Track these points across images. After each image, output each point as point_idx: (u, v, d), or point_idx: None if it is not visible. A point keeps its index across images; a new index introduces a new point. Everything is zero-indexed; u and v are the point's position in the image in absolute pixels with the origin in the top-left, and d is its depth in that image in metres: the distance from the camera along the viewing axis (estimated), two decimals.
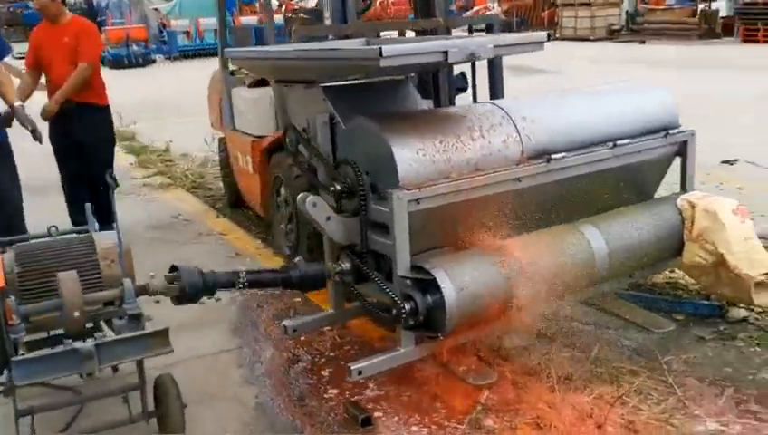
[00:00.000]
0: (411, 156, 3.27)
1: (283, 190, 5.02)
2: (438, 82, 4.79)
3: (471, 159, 3.42)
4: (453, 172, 3.35)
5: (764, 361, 3.63)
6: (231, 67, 6.36)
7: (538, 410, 3.27)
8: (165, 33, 26.96)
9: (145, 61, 24.36)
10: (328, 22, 4.78)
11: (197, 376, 3.70)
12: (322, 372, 3.74)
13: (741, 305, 4.03)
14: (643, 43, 21.29)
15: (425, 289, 3.22)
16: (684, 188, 4.20)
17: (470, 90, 5.14)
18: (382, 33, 5.41)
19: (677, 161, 4.17)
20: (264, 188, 5.38)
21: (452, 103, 4.90)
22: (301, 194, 3.35)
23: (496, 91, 4.95)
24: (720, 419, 3.17)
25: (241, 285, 3.19)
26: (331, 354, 3.92)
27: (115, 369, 3.48)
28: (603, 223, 3.70)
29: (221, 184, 7.37)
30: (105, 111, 5.80)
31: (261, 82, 5.87)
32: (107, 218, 5.40)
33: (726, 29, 20.77)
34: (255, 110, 5.58)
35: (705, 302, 4.13)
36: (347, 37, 4.68)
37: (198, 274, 3.10)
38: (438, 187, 3.26)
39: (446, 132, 3.41)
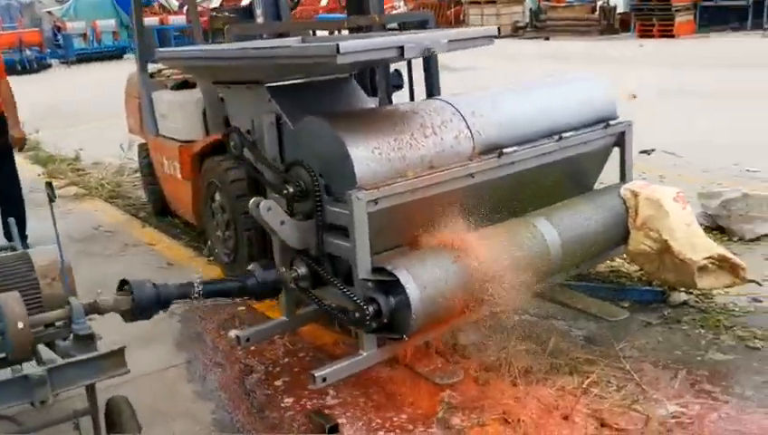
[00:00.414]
0: (367, 155, 3.20)
1: (218, 196, 4.83)
2: (375, 80, 4.72)
3: (425, 157, 3.38)
4: (408, 170, 3.30)
5: (710, 342, 3.75)
6: (150, 69, 6.12)
7: (503, 405, 3.25)
8: (60, 37, 25.81)
9: (40, 66, 23.27)
10: (260, 20, 4.63)
11: (146, 395, 3.49)
12: (279, 382, 3.61)
13: (681, 290, 4.15)
14: (548, 39, 21.90)
15: (388, 290, 3.15)
16: (623, 178, 4.30)
17: (406, 87, 5.10)
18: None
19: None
20: (197, 195, 5.16)
21: (390, 100, 4.85)
22: (253, 199, 3.22)
23: (433, 88, 4.92)
24: (679, 401, 3.24)
25: (196, 296, 3.02)
26: (286, 362, 3.80)
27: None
28: (555, 215, 3.73)
29: (142, 192, 7.07)
30: (2, 119, 5.47)
31: (184, 85, 5.65)
32: (20, 233, 5.14)
33: (624, 25, 21.65)
34: (182, 114, 5.36)
35: (648, 288, 4.24)
36: (280, 36, 4.56)
37: (151, 287, 2.92)
38: (396, 186, 3.20)
39: (400, 130, 3.36)
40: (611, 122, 4.12)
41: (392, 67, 4.94)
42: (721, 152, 7.55)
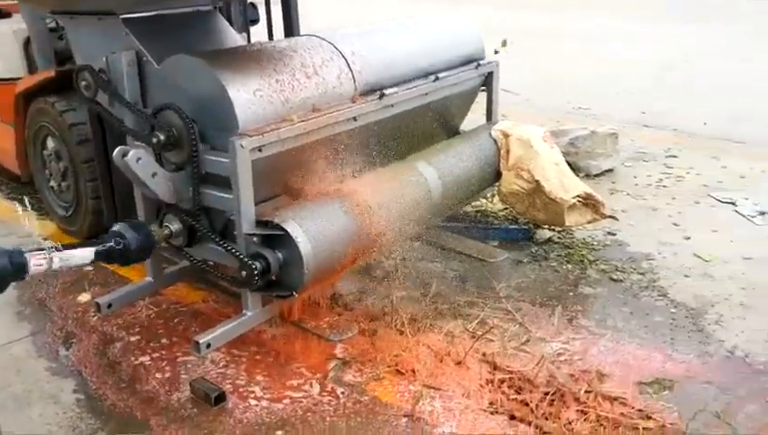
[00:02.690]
0: (249, 98, 2.90)
1: (51, 142, 4.26)
2: (231, 13, 4.33)
3: (308, 99, 3.13)
4: (292, 114, 3.05)
5: (578, 277, 3.90)
6: None
7: (395, 356, 3.17)
8: None
9: None
10: None
11: None
12: (147, 349, 3.28)
13: (545, 227, 4.28)
14: None
15: (275, 245, 2.92)
16: (489, 118, 4.31)
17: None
18: None
19: None
20: (21, 141, 4.53)
21: (248, 37, 4.49)
22: (119, 148, 2.82)
23: (292, 25, 4.61)
24: (560, 338, 3.33)
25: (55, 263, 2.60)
26: (151, 326, 3.46)
27: None
28: (435, 158, 3.66)
29: None
30: None
31: None
32: None
33: None
34: None
35: (515, 226, 4.32)
36: None
37: (4, 254, 2.47)
38: (282, 131, 2.94)
39: (280, 70, 3.08)
40: (482, 62, 4.08)
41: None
42: (554, 90, 7.90)
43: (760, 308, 3.57)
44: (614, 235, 4.38)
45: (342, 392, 2.96)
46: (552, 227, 4.29)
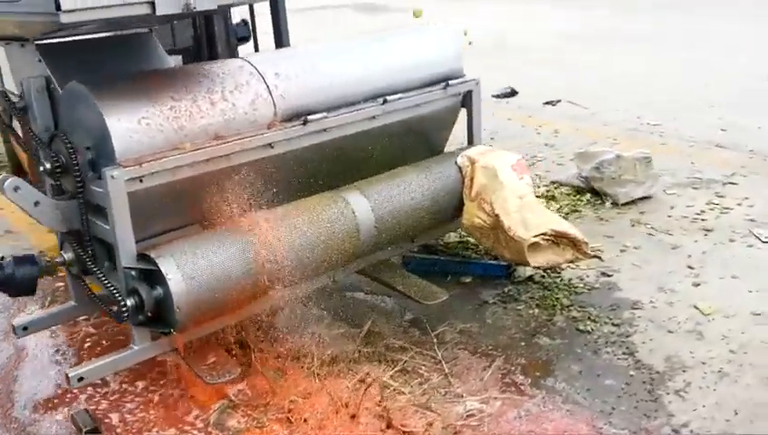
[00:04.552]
0: (131, 126, 2.80)
1: None
2: (214, 32, 4.29)
3: (209, 126, 2.99)
4: (187, 142, 2.92)
5: (541, 324, 3.48)
6: None
7: (292, 402, 2.96)
8: None
9: None
10: None
11: None
12: (56, 374, 3.29)
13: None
14: None
15: (151, 280, 2.81)
16: (471, 143, 3.96)
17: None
18: None
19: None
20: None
21: (233, 56, 4.42)
22: (1, 176, 2.83)
23: (282, 39, 4.49)
24: (481, 396, 2.98)
25: None
26: (78, 348, 3.48)
27: None
28: (371, 189, 3.38)
29: None
30: None
31: None
32: None
33: None
34: None
35: (494, 262, 3.94)
36: None
37: None
38: (165, 161, 2.83)
39: (180, 96, 2.96)
40: (453, 82, 3.74)
41: (237, 16, 4.52)
42: (626, 101, 7.20)
43: (740, 378, 3.01)
44: (609, 276, 3.88)
45: None
46: (538, 266, 3.86)
